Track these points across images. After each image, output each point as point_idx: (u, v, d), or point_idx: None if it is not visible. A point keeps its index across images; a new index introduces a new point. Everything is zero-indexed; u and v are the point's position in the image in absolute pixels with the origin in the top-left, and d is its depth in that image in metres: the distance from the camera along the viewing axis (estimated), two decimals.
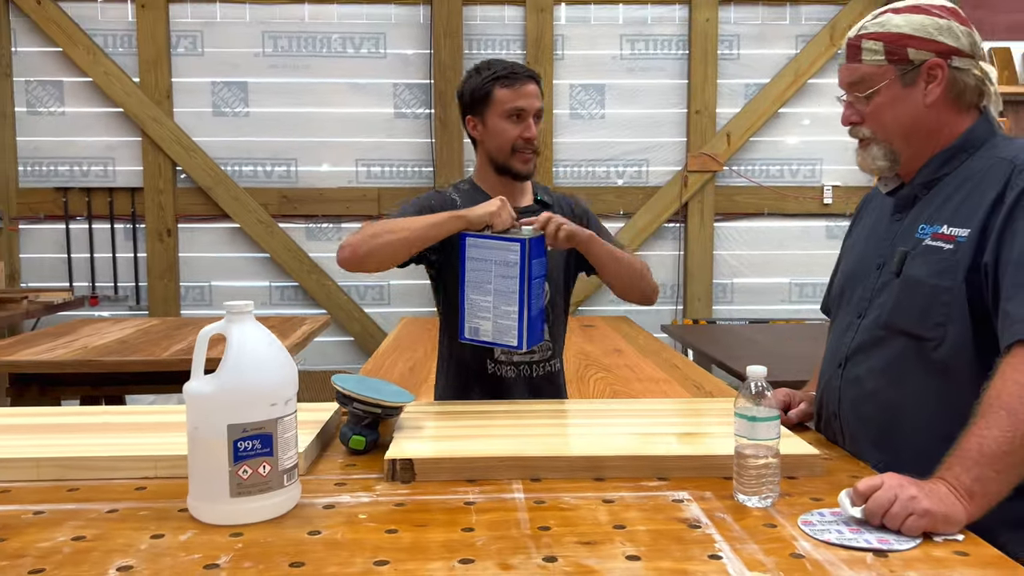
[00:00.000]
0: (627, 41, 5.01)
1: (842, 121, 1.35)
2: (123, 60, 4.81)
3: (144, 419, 1.49)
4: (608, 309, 5.10)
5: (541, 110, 1.87)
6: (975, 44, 1.23)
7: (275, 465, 1.06)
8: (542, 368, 1.91)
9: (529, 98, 1.84)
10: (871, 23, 1.29)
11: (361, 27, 4.93)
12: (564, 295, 1.97)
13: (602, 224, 2.01)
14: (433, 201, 1.90)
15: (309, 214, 4.99)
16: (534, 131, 1.85)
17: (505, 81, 1.84)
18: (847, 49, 1.31)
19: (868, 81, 1.27)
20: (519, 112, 1.83)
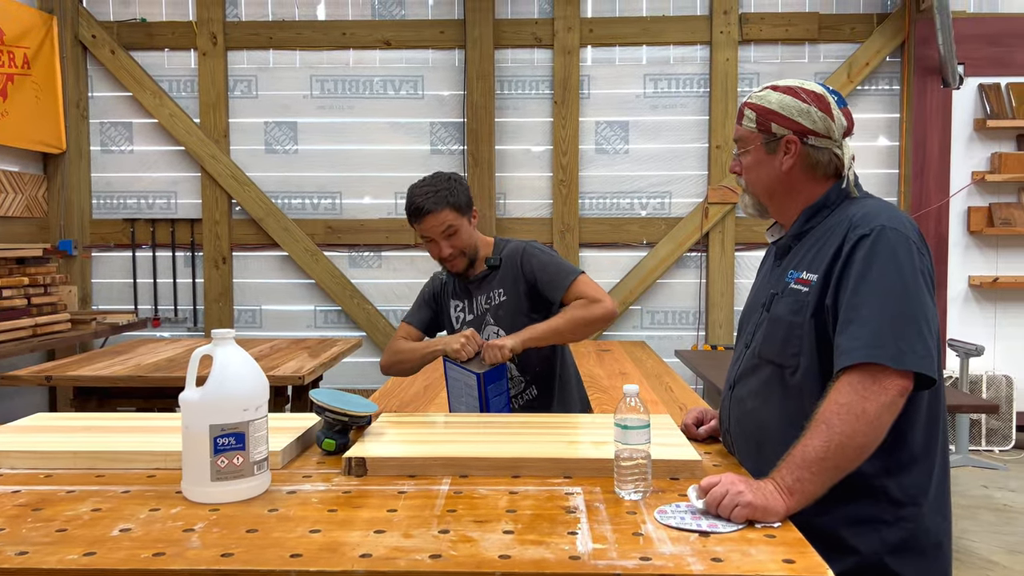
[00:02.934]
0: (650, 80, 5.27)
1: (729, 170, 1.61)
2: (185, 103, 5.30)
3: (159, 423, 1.81)
4: (632, 334, 5.31)
5: (449, 227, 2.21)
6: (831, 128, 1.45)
7: (247, 457, 1.36)
8: (521, 399, 2.34)
9: (428, 230, 2.23)
10: (755, 94, 1.53)
11: (401, 70, 5.31)
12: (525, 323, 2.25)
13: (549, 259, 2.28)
14: (427, 289, 2.47)
15: (352, 243, 5.36)
16: (444, 251, 2.25)
17: (412, 217, 2.26)
18: (738, 111, 1.56)
19: (744, 141, 1.52)
20: (427, 238, 2.25)
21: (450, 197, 2.21)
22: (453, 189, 2.24)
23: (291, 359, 3.41)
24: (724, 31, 5.14)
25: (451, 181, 2.26)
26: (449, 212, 2.21)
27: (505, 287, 2.30)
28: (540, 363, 2.31)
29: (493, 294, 2.31)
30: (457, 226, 2.22)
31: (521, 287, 2.27)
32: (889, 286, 1.28)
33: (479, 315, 2.34)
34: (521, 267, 2.26)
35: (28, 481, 1.47)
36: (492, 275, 2.32)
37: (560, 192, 5.26)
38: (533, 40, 5.24)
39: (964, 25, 4.91)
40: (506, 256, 2.31)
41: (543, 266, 2.26)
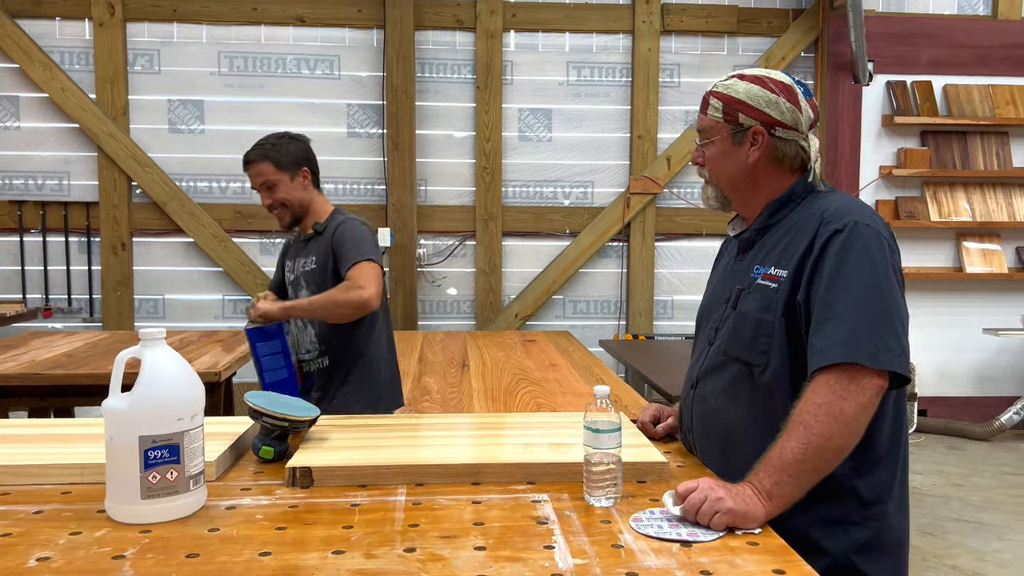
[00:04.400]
0: (573, 68, 5.23)
1: (692, 161, 1.56)
2: (80, 77, 4.91)
3: (73, 431, 1.63)
4: (554, 324, 5.29)
5: (268, 182, 2.41)
6: (798, 120, 1.42)
7: (182, 471, 1.22)
8: (312, 365, 2.51)
9: (252, 179, 2.45)
10: (721, 83, 1.49)
11: (316, 49, 5.09)
12: None
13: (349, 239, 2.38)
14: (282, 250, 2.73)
15: (263, 229, 5.12)
16: (265, 200, 2.45)
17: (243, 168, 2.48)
18: (701, 100, 1.51)
19: (708, 132, 1.47)
20: (255, 189, 2.47)
21: (272, 152, 2.40)
22: (281, 146, 2.42)
23: (204, 353, 3.21)
24: (646, 21, 5.15)
25: (283, 139, 2.44)
26: (267, 166, 2.39)
27: (317, 255, 2.44)
28: (338, 337, 2.44)
29: (308, 259, 2.46)
30: (274, 180, 2.40)
31: (329, 258, 2.40)
32: (863, 284, 1.26)
33: (297, 277, 2.51)
34: (332, 238, 2.40)
35: None
36: (313, 240, 2.47)
37: (483, 179, 5.17)
38: (455, 22, 5.12)
39: (873, 23, 5.08)
40: (330, 225, 2.45)
41: (345, 241, 2.39)
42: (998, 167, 5.14)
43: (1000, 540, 3.44)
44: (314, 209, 2.50)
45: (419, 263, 5.19)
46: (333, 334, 2.44)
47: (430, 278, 5.24)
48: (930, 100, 5.14)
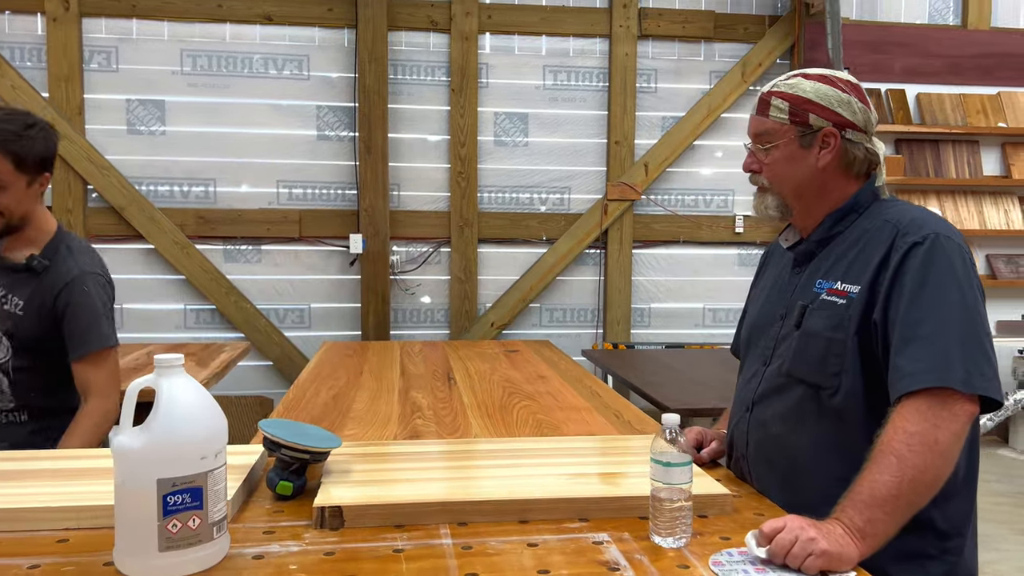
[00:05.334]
0: (550, 72, 5.14)
1: (743, 167, 1.45)
2: (31, 74, 4.64)
3: (64, 464, 1.45)
4: (531, 333, 5.18)
5: None
6: (869, 122, 1.34)
7: (205, 518, 1.07)
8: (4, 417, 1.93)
9: None
10: (783, 83, 1.39)
11: (284, 48, 4.90)
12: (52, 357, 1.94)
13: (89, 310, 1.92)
14: None
15: (228, 235, 4.90)
16: None
17: None
18: (758, 102, 1.41)
19: (770, 135, 1.37)
20: None
21: (14, 145, 1.80)
22: (23, 137, 1.82)
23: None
24: (623, 25, 5.09)
25: (29, 128, 1.84)
26: (4, 162, 1.80)
27: (28, 302, 1.89)
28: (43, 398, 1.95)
29: (11, 297, 1.89)
30: (8, 183, 1.81)
31: (42, 316, 1.89)
32: (950, 301, 1.17)
33: None
34: (60, 298, 1.88)
35: None
36: (23, 274, 1.89)
37: (459, 185, 5.04)
38: (429, 23, 4.98)
39: (848, 31, 5.10)
40: (55, 268, 1.90)
41: (81, 311, 1.89)
42: (969, 175, 5.21)
43: (994, 551, 3.44)
44: (35, 226, 1.92)
45: (392, 270, 5.03)
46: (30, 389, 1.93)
47: (403, 286, 5.08)
48: (904, 108, 5.19)
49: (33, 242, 1.92)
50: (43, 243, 1.93)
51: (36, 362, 1.92)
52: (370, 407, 2.81)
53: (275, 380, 4.96)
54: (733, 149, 5.27)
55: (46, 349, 1.92)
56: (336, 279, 5.03)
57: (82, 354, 1.89)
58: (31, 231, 1.91)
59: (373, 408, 2.80)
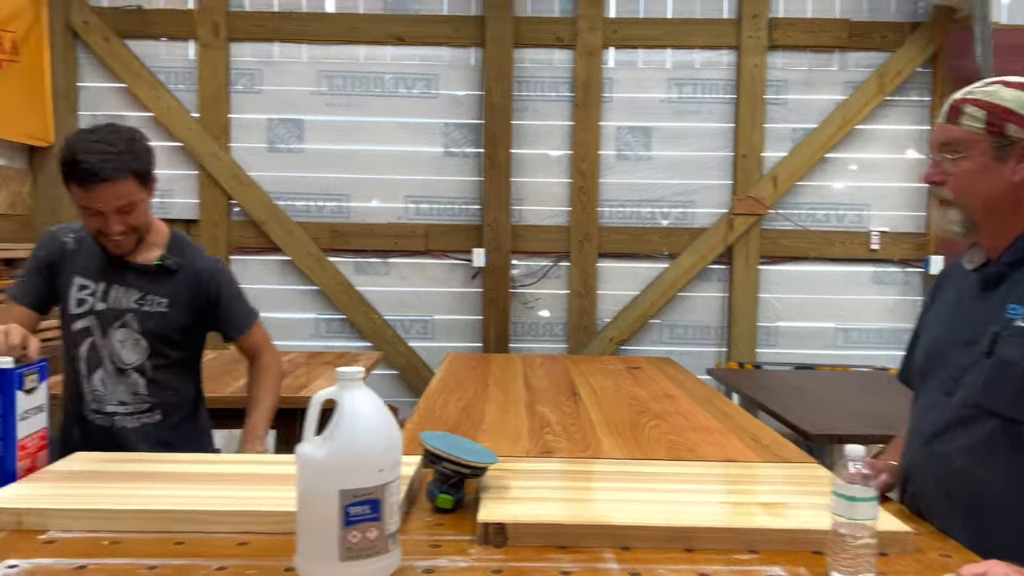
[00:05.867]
0: (675, 84, 5.07)
1: (925, 178, 1.36)
2: (184, 96, 4.97)
3: (242, 469, 1.53)
4: (651, 349, 5.10)
5: (130, 204, 1.81)
6: None
7: (382, 530, 1.10)
8: (137, 420, 2.00)
9: (103, 201, 1.78)
10: (979, 90, 1.30)
11: (414, 68, 5.04)
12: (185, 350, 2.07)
13: (237, 292, 2.10)
14: (42, 254, 1.98)
15: (358, 248, 5.07)
16: (115, 228, 1.82)
17: (77, 179, 1.77)
18: (948, 110, 1.32)
19: (960, 145, 1.29)
20: (94, 211, 1.81)
21: (135, 163, 1.80)
22: (139, 153, 1.83)
23: (318, 376, 3.13)
24: (753, 36, 4.96)
25: (134, 142, 1.84)
26: (132, 183, 1.79)
27: (173, 298, 1.99)
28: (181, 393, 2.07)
29: (151, 298, 1.97)
30: (137, 201, 1.83)
31: (193, 307, 2.01)
32: None
33: (115, 310, 1.96)
34: (208, 288, 2.01)
35: (92, 550, 1.19)
36: (158, 275, 1.98)
37: (579, 199, 5.03)
38: (554, 40, 5.01)
39: (997, 36, 4.78)
40: (191, 266, 2.01)
41: (233, 296, 2.08)
42: None
43: None
44: (152, 230, 1.98)
45: (513, 284, 5.07)
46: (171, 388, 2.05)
47: (523, 300, 5.12)
48: None
49: (154, 245, 1.99)
50: (163, 244, 2.00)
51: (171, 359, 2.02)
52: (500, 420, 2.84)
53: (400, 389, 5.09)
54: (869, 162, 5.03)
55: (184, 342, 2.04)
56: (459, 292, 5.12)
57: (245, 328, 2.09)
58: (150, 236, 1.98)
59: (503, 421, 2.82)
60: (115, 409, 1.98)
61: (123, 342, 1.96)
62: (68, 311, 1.97)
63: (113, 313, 1.95)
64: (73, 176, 1.76)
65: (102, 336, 1.96)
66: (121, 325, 1.96)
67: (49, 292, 1.98)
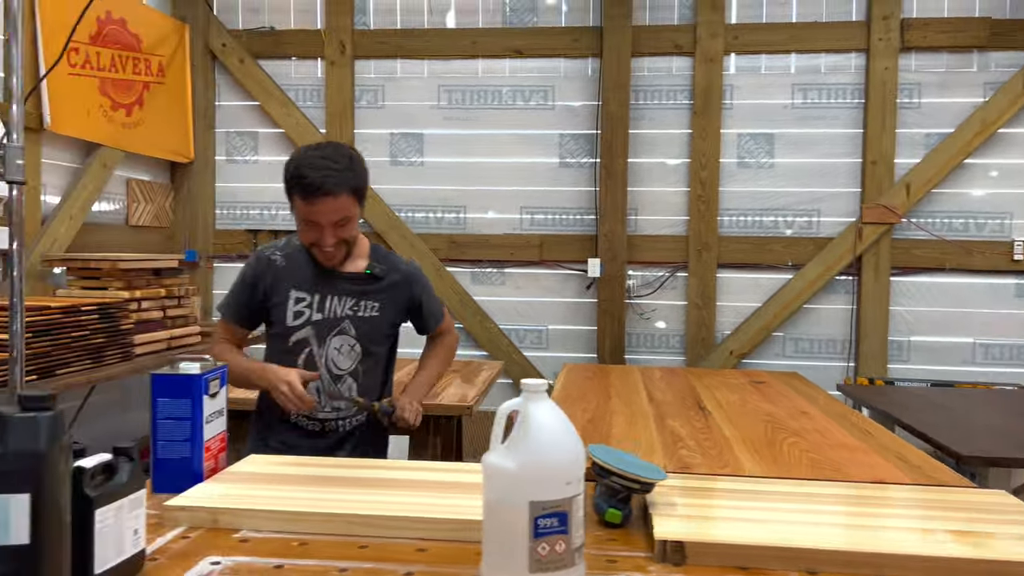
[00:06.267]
0: (799, 90, 4.92)
1: None
2: (312, 113, 5.18)
3: (418, 476, 1.57)
4: (773, 363, 4.95)
5: (345, 219, 1.94)
6: None
7: (569, 543, 1.10)
8: (348, 423, 2.16)
9: (323, 214, 1.90)
10: None
11: (531, 80, 5.09)
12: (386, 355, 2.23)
13: (431, 291, 2.31)
14: (249, 272, 2.12)
15: (475, 259, 5.15)
16: (329, 240, 1.94)
17: (301, 193, 1.89)
18: None
19: None
20: (311, 223, 1.93)
21: (353, 180, 1.94)
22: (357, 171, 1.97)
23: (448, 384, 3.19)
24: (883, 38, 4.76)
25: (353, 160, 1.98)
26: (349, 198, 1.93)
27: (382, 303, 2.13)
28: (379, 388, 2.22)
29: (364, 304, 2.11)
30: (352, 216, 1.96)
31: (399, 308, 2.18)
32: None
33: (332, 319, 2.08)
34: (412, 290, 2.20)
35: (283, 550, 1.25)
36: (367, 282, 2.13)
37: (698, 208, 4.95)
38: (672, 48, 4.96)
39: None
40: (391, 271, 2.17)
41: (430, 296, 2.27)
42: None
43: None
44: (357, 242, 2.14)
45: (628, 294, 5.03)
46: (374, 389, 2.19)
47: (638, 310, 5.06)
48: None
49: (358, 256, 2.14)
50: (366, 255, 2.16)
51: (377, 360, 2.17)
52: (628, 433, 2.81)
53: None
54: (1011, 168, 4.74)
55: (389, 342, 2.21)
56: (573, 302, 5.12)
57: (441, 319, 2.35)
58: (355, 247, 2.12)
59: (632, 434, 2.79)
60: (327, 415, 2.11)
61: (339, 349, 2.09)
62: (285, 324, 2.07)
63: (329, 322, 2.08)
64: (297, 189, 1.90)
65: (319, 345, 2.07)
66: (338, 333, 2.09)
67: (257, 309, 2.11)
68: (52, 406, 0.97)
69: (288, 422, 2.11)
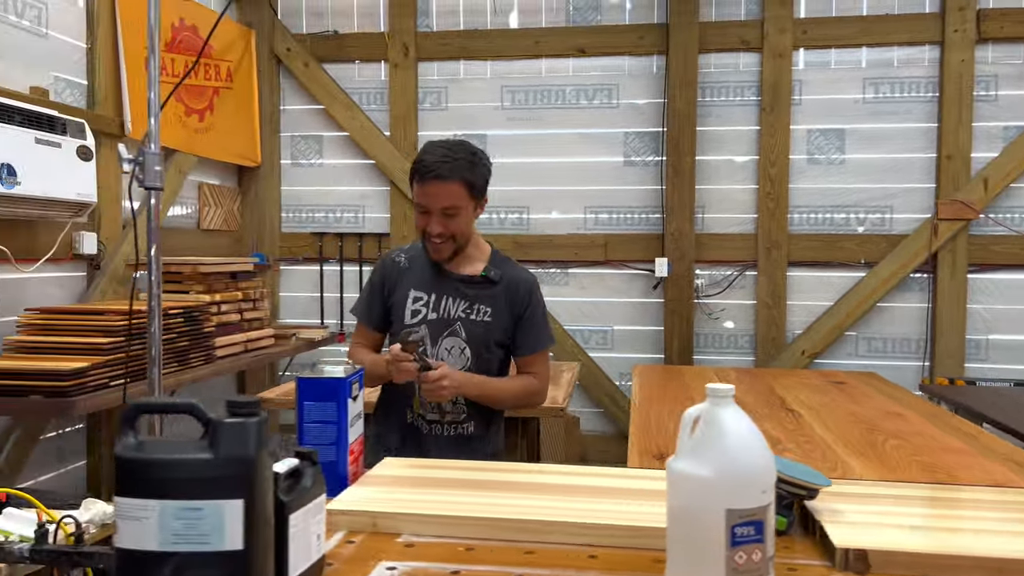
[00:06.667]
0: (870, 84, 4.82)
1: None
2: (376, 116, 5.20)
3: (579, 481, 1.54)
4: (846, 363, 4.86)
5: (454, 207, 1.96)
6: None
7: (764, 552, 1.07)
8: (453, 429, 2.12)
9: (432, 197, 1.96)
10: None
11: (595, 79, 5.06)
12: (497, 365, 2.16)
13: (543, 313, 2.18)
14: (376, 278, 2.18)
15: (539, 259, 5.13)
16: (435, 228, 1.98)
17: (417, 175, 1.98)
18: None
19: None
20: (422, 207, 1.99)
21: (468, 172, 1.99)
22: (475, 165, 2.02)
23: None
24: (959, 30, 4.64)
25: (476, 156, 2.04)
26: (460, 187, 1.98)
27: (495, 309, 2.10)
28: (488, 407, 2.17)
29: (478, 307, 2.10)
30: (461, 207, 2.00)
31: (510, 317, 2.11)
32: None
33: (445, 319, 2.10)
34: (524, 301, 2.12)
35: (451, 555, 1.23)
36: (483, 286, 2.12)
37: (767, 206, 4.87)
38: (740, 43, 4.89)
39: None
40: (508, 278, 2.14)
41: (538, 315, 2.14)
42: None
43: None
44: (474, 244, 2.16)
45: (696, 294, 4.97)
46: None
47: (707, 310, 5.00)
48: None
49: (478, 260, 2.14)
50: (486, 259, 2.16)
51: (487, 367, 2.13)
52: None
53: (581, 399, 5.09)
54: None
55: (501, 353, 2.15)
56: (639, 302, 5.08)
57: (534, 349, 2.15)
58: (471, 249, 2.14)
59: None
60: (434, 417, 2.10)
61: (450, 350, 2.09)
62: (403, 321, 2.11)
63: (443, 322, 2.09)
64: (415, 172, 1.99)
65: (432, 345, 2.09)
66: (450, 334, 2.09)
67: (385, 310, 2.16)
68: (258, 411, 0.97)
69: (406, 425, 2.11)
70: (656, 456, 2.48)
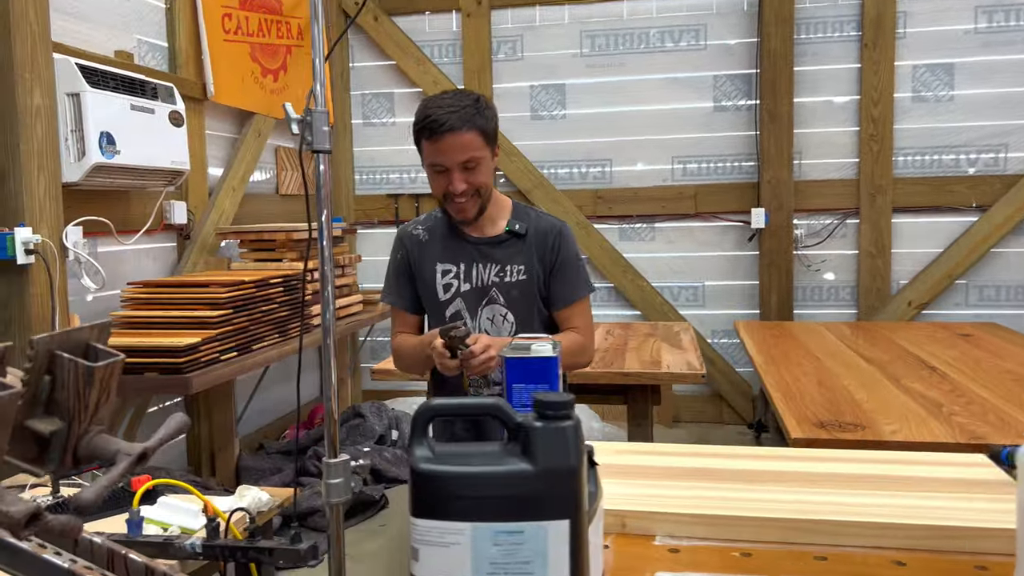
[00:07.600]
0: (982, 13, 4.47)
1: None
2: (448, 69, 4.98)
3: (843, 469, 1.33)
4: (956, 314, 4.60)
5: (473, 159, 1.79)
6: None
7: None
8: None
9: (448, 152, 1.78)
10: None
11: (681, 19, 4.76)
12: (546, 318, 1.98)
13: (576, 258, 1.96)
14: (399, 256, 1.99)
15: (623, 214, 4.91)
16: (458, 185, 1.79)
17: (427, 133, 1.78)
18: None
19: None
20: (440, 166, 1.79)
21: (480, 119, 1.79)
22: (482, 111, 1.82)
23: (656, 349, 2.99)
24: None
25: (480, 102, 1.84)
26: (475, 135, 1.78)
27: (527, 264, 1.91)
28: None
29: (510, 268, 1.91)
30: (480, 157, 1.80)
31: (543, 269, 1.92)
32: None
33: (480, 288, 1.92)
34: (555, 247, 1.92)
35: (728, 563, 1.06)
36: (510, 243, 1.92)
37: (870, 149, 4.58)
38: None
39: None
40: (535, 227, 1.93)
41: (572, 261, 1.94)
42: None
43: None
44: (494, 202, 1.94)
45: (795, 245, 4.72)
46: None
47: (806, 262, 4.76)
48: None
49: (496, 217, 1.93)
50: (506, 217, 1.94)
51: (528, 327, 1.93)
52: (875, 397, 2.57)
53: None
54: None
55: (544, 310, 1.96)
56: (732, 255, 4.85)
57: (571, 300, 1.94)
58: (491, 208, 1.91)
59: (882, 399, 2.56)
60: (492, 392, 1.91)
61: (491, 320, 1.92)
62: (437, 299, 1.94)
63: (478, 292, 1.92)
64: (422, 131, 1.80)
65: (472, 318, 1.93)
66: (488, 302, 1.93)
67: (418, 290, 1.98)
68: (572, 412, 0.80)
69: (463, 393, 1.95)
70: (816, 424, 2.29)
